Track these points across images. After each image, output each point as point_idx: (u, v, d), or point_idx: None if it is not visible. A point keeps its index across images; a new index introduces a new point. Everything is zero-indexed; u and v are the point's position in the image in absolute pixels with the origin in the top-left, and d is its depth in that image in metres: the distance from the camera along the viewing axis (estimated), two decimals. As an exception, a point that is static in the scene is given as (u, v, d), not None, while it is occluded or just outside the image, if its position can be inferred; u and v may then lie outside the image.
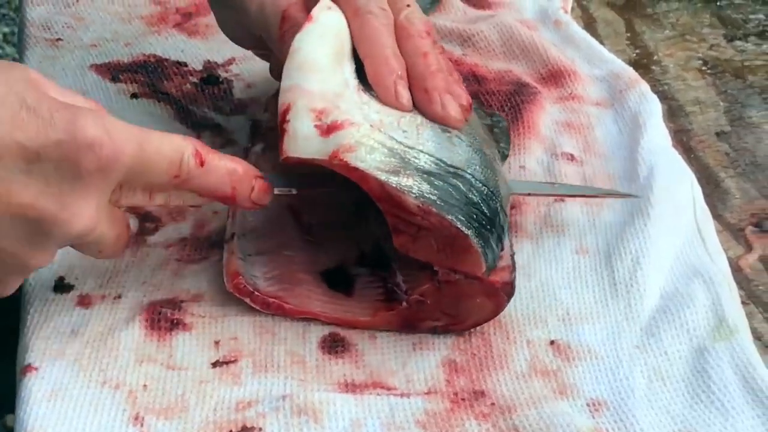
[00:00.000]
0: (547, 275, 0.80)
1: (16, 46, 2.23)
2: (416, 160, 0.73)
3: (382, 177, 0.71)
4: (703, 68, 1.04)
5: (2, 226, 0.66)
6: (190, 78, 0.98)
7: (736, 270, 0.81)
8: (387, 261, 0.78)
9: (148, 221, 0.84)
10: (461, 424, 0.70)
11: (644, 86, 0.96)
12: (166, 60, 1.01)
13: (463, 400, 0.72)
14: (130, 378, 0.72)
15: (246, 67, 1.00)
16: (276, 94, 0.84)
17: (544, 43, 1.02)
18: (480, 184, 0.74)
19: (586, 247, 0.82)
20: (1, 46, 2.45)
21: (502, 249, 0.75)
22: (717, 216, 0.86)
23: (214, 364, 0.73)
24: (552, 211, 0.84)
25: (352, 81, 0.76)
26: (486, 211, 0.73)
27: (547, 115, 0.94)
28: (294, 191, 0.77)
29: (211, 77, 0.98)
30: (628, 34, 1.09)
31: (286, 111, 0.73)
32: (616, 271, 0.80)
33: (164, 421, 0.69)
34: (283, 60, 0.76)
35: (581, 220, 0.84)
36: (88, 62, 1.00)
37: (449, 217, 0.72)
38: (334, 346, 0.75)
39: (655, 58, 1.05)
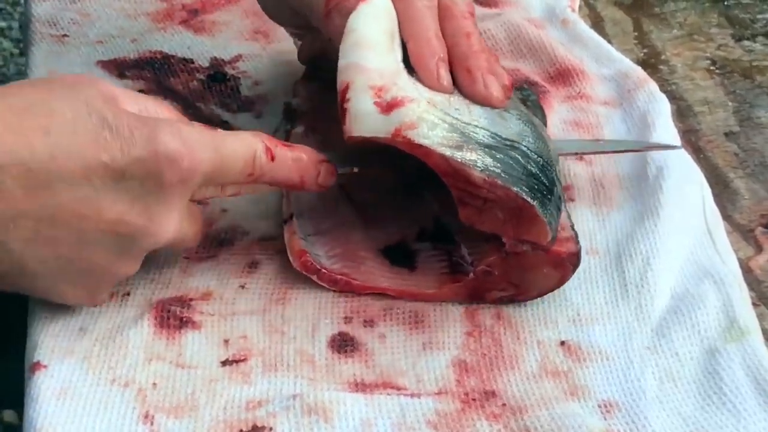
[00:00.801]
0: (558, 276, 0.79)
1: (22, 42, 2.24)
2: (475, 135, 0.74)
3: (447, 152, 0.72)
4: (711, 68, 1.04)
5: (93, 241, 0.69)
6: (197, 75, 0.98)
7: (746, 271, 0.81)
8: (448, 235, 0.80)
9: (156, 219, 0.84)
10: (472, 425, 0.70)
11: (653, 86, 0.96)
12: (173, 57, 1.00)
13: (474, 400, 0.71)
14: (139, 376, 0.72)
15: (253, 64, 0.99)
16: (303, 77, 0.84)
17: (551, 41, 1.02)
18: (536, 156, 0.75)
19: (596, 248, 0.82)
20: (-2, 41, 2.45)
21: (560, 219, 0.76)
22: (726, 217, 0.86)
23: (224, 363, 0.73)
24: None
25: (401, 63, 0.77)
26: (545, 181, 0.74)
27: (555, 114, 0.94)
28: (356, 170, 0.78)
29: (218, 74, 0.98)
30: (636, 34, 1.08)
31: (346, 90, 0.74)
32: (627, 271, 0.79)
33: (174, 420, 0.69)
34: (327, 37, 0.77)
35: (591, 221, 0.84)
36: (94, 58, 1.00)
37: (515, 188, 0.72)
38: (343, 345, 0.75)
39: (663, 57, 1.05)
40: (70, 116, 0.68)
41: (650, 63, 1.04)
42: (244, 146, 0.73)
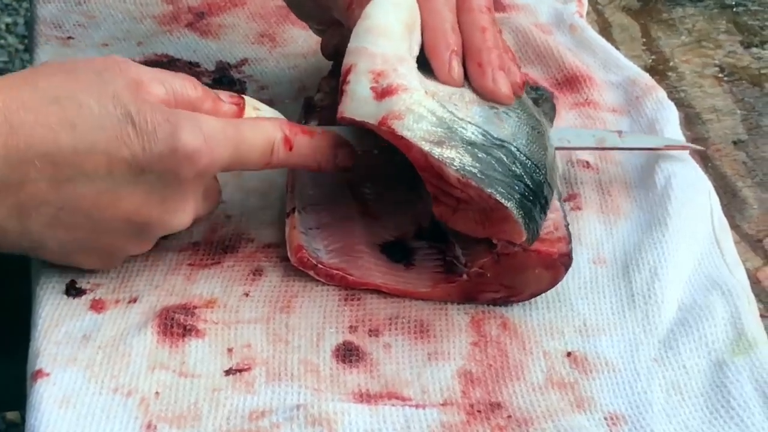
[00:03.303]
0: (564, 285, 0.79)
1: (27, 44, 2.23)
2: (463, 131, 0.74)
3: (426, 147, 0.73)
4: (720, 75, 1.03)
5: (110, 228, 0.73)
6: (203, 78, 0.97)
7: (755, 282, 0.81)
8: (445, 234, 0.80)
9: (160, 225, 0.83)
10: (477, 437, 0.69)
11: (661, 93, 0.95)
12: (179, 60, 1.00)
13: (479, 411, 0.71)
14: (142, 385, 0.71)
15: (259, 68, 0.99)
16: (329, 74, 0.84)
17: (559, 47, 1.01)
18: (524, 157, 0.75)
19: (604, 257, 0.81)
20: (3, 36, 2.44)
21: (546, 220, 0.76)
22: (734, 227, 0.85)
23: (227, 372, 0.73)
24: (569, 221, 0.84)
25: (415, 53, 0.77)
26: (529, 183, 0.74)
27: (562, 120, 0.93)
28: (376, 152, 0.78)
29: (224, 78, 0.98)
30: (644, 40, 1.08)
31: (348, 71, 0.75)
32: (634, 282, 0.79)
33: (177, 430, 0.69)
34: (348, 29, 0.78)
35: (598, 230, 0.83)
36: (99, 61, 0.99)
37: (489, 190, 0.73)
38: (348, 355, 0.74)
39: (671, 64, 1.04)
40: (97, 111, 0.70)
41: (658, 69, 1.03)
42: (263, 137, 0.75)
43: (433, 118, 0.74)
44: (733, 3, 1.12)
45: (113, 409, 0.69)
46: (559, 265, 0.76)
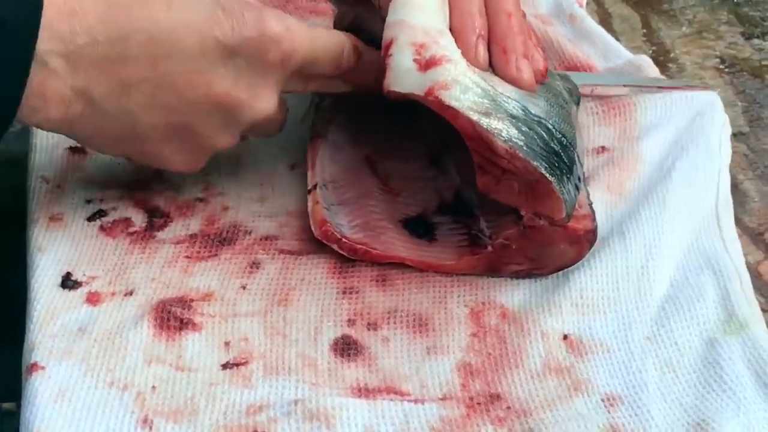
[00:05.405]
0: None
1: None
2: (506, 104, 0.75)
3: (474, 117, 0.73)
4: (721, 66, 1.02)
5: (201, 111, 0.76)
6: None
7: (756, 276, 0.80)
8: (468, 208, 0.82)
9: (156, 216, 0.83)
10: (477, 431, 0.69)
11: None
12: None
13: (479, 404, 0.70)
14: (138, 379, 0.71)
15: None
16: None
17: (559, 38, 1.01)
18: (560, 135, 0.76)
19: (604, 235, 0.81)
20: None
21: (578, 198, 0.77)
22: (736, 220, 0.84)
23: (224, 366, 0.72)
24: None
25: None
26: (566, 160, 0.75)
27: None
28: None
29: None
30: (645, 31, 1.07)
31: (389, 45, 0.75)
32: (629, 257, 0.79)
33: (173, 425, 0.68)
34: (377, 3, 0.79)
35: (600, 209, 0.82)
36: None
37: (534, 162, 0.73)
38: (346, 349, 0.74)
39: (672, 55, 1.04)
40: None
41: (659, 61, 1.02)
42: (336, 41, 0.80)
43: (478, 89, 0.74)
44: (734, -6, 1.12)
45: (109, 403, 0.69)
46: (584, 241, 0.77)
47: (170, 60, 0.74)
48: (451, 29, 0.77)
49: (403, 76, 0.74)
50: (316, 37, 0.78)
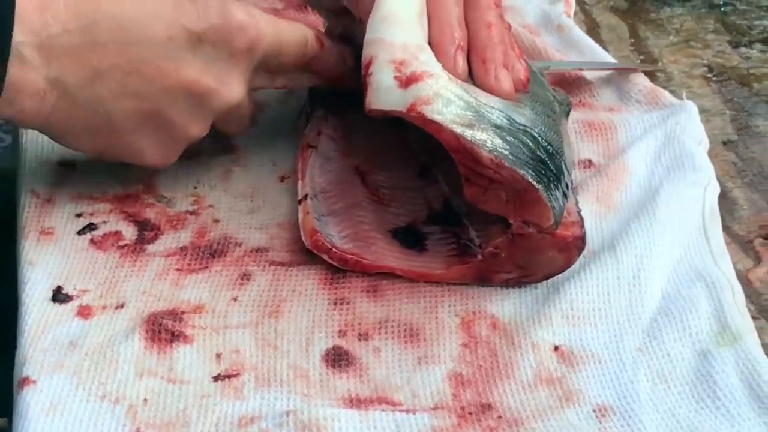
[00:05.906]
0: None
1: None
2: (489, 115, 0.75)
3: (458, 130, 0.73)
4: (708, 75, 1.03)
5: (171, 98, 0.78)
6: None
7: (746, 284, 0.80)
8: (458, 217, 0.82)
9: (147, 230, 0.83)
10: (468, 441, 0.69)
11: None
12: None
13: (470, 414, 0.70)
14: (130, 392, 0.70)
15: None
16: None
17: (547, 48, 1.01)
18: (546, 143, 0.76)
19: (593, 248, 0.81)
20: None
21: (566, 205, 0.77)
22: (725, 228, 0.84)
23: (216, 378, 0.72)
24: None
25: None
26: (552, 168, 0.75)
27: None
28: None
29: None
30: (632, 40, 1.08)
31: (369, 64, 0.75)
32: (621, 267, 0.79)
33: (165, 437, 0.68)
34: (357, 17, 0.81)
35: (590, 221, 0.83)
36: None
37: (521, 171, 0.73)
38: (338, 360, 0.74)
39: (660, 64, 1.04)
40: None
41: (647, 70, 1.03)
42: (299, 31, 0.82)
43: (461, 102, 0.74)
44: (721, 2, 1.12)
45: (101, 416, 0.69)
46: (573, 248, 0.77)
47: (139, 47, 0.76)
48: (430, 41, 0.77)
49: (384, 94, 0.74)
50: (281, 26, 0.81)
